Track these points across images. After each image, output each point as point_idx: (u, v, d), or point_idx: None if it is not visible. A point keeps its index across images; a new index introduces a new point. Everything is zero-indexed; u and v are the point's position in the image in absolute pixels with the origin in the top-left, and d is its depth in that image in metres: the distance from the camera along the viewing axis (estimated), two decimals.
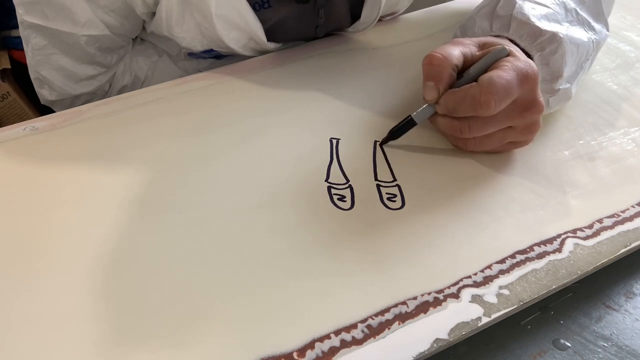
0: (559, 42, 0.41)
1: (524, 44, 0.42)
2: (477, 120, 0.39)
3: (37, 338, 0.31)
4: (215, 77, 0.50)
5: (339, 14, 0.54)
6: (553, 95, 0.43)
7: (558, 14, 0.44)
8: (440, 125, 0.41)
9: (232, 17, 0.48)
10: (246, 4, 0.48)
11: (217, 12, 0.47)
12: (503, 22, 0.43)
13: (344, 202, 0.38)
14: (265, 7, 0.51)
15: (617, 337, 0.34)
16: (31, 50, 0.53)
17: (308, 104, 0.47)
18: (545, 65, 0.42)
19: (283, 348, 0.30)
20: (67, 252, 0.35)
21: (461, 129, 0.39)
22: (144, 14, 0.51)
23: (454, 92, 0.39)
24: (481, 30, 0.45)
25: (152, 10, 0.51)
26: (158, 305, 0.32)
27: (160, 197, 0.39)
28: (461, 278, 0.34)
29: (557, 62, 0.42)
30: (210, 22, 0.48)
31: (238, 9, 0.48)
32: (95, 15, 0.50)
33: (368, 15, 0.53)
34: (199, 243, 0.36)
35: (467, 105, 0.38)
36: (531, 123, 0.40)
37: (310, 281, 0.34)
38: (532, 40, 0.42)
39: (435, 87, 0.39)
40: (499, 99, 0.37)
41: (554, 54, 0.41)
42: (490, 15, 0.44)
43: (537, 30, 0.42)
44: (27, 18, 0.50)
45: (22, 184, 0.39)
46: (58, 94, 0.56)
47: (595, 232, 0.37)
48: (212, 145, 0.43)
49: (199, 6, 0.47)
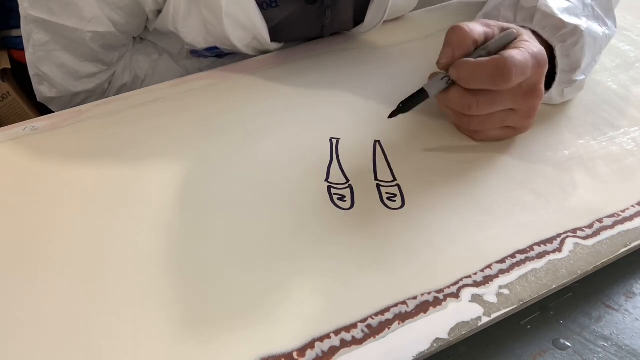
0: (580, 35, 0.43)
1: (547, 35, 0.43)
2: (487, 96, 0.39)
3: (37, 338, 0.31)
4: (215, 77, 0.50)
5: (344, 15, 0.54)
6: (569, 86, 0.45)
7: (577, 8, 0.45)
8: (451, 99, 0.41)
9: (239, 16, 0.48)
10: (254, 4, 0.48)
11: (226, 11, 0.47)
12: (527, 14, 0.45)
13: (344, 202, 0.38)
14: (272, 6, 0.51)
15: (617, 337, 0.34)
16: (32, 46, 0.53)
17: (308, 104, 0.47)
18: (566, 56, 0.43)
19: (283, 348, 0.30)
20: (67, 252, 0.35)
21: (470, 104, 0.40)
22: (152, 12, 0.52)
23: (471, 61, 0.39)
24: (505, 20, 0.46)
25: (161, 7, 0.51)
26: (157, 305, 0.32)
27: (160, 196, 0.39)
28: (461, 278, 0.34)
29: (577, 54, 0.43)
30: (219, 19, 0.48)
31: (246, 8, 0.48)
32: (102, 12, 0.50)
33: (372, 19, 0.54)
34: (199, 242, 0.36)
35: (486, 75, 0.38)
36: (531, 108, 0.41)
37: (310, 281, 0.34)
38: (554, 32, 0.43)
39: (451, 53, 0.40)
40: (518, 74, 0.38)
41: (574, 46, 0.43)
42: (514, 6, 0.46)
43: (560, 23, 0.43)
44: (32, 12, 0.50)
45: (22, 184, 0.39)
46: (58, 91, 0.56)
47: (595, 231, 0.37)
48: (213, 145, 0.43)
49: (208, 3, 0.47)
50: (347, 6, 0.53)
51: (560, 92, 0.45)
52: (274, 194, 0.39)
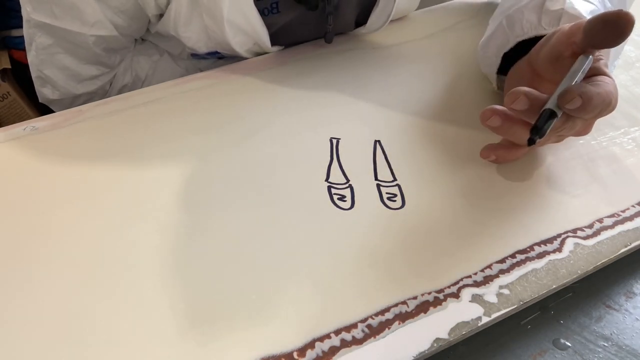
0: None
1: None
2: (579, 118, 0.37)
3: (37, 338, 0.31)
4: (215, 77, 0.50)
5: (345, 21, 0.54)
6: None
7: (599, 10, 0.44)
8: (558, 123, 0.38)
9: (240, 22, 0.48)
10: (255, 11, 0.48)
11: (228, 17, 0.47)
12: (553, 17, 0.43)
13: (344, 201, 0.38)
14: (274, 12, 0.51)
15: (617, 337, 0.34)
16: (35, 49, 0.53)
17: (308, 104, 0.47)
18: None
19: (283, 348, 0.30)
20: (67, 252, 0.35)
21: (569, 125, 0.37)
22: (153, 16, 0.52)
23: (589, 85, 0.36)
24: (529, 24, 0.44)
25: (162, 11, 0.51)
26: (157, 305, 0.32)
27: (160, 196, 0.39)
28: (461, 278, 0.34)
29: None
30: (220, 25, 0.48)
31: (247, 14, 0.48)
32: (104, 16, 0.50)
33: (374, 23, 0.53)
34: (199, 242, 0.36)
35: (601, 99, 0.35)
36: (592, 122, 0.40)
37: (310, 281, 0.34)
38: None
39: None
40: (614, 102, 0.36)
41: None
42: (539, 8, 0.44)
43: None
44: (34, 16, 0.50)
45: (22, 184, 0.39)
46: (60, 93, 0.56)
47: (596, 231, 0.37)
48: (213, 145, 0.43)
49: (210, 9, 0.47)
50: (349, 12, 0.53)
51: None
52: (274, 194, 0.39)
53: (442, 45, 0.55)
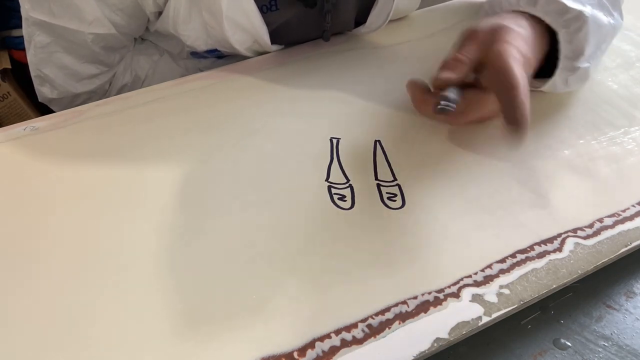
0: (584, 21, 0.42)
1: (549, 20, 0.43)
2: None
3: (37, 337, 0.31)
4: (215, 77, 0.50)
5: (344, 18, 0.54)
6: (573, 74, 0.44)
7: None
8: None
9: (240, 18, 0.48)
10: (254, 7, 0.48)
11: (227, 14, 0.47)
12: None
13: (344, 201, 0.38)
14: (273, 9, 0.51)
15: (617, 337, 0.34)
16: (34, 48, 0.53)
17: (308, 104, 0.47)
18: (569, 42, 0.43)
19: (283, 347, 0.30)
20: (67, 252, 0.35)
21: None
22: (152, 14, 0.52)
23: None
24: (508, 4, 0.45)
25: (161, 9, 0.51)
26: (158, 305, 0.32)
27: (160, 196, 0.39)
28: (461, 277, 0.34)
29: (581, 40, 0.43)
30: (219, 22, 0.48)
31: (246, 11, 0.48)
32: (102, 14, 0.50)
33: (374, 22, 0.53)
34: (199, 242, 0.36)
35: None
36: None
37: (310, 281, 0.34)
38: (558, 17, 0.43)
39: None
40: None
41: (578, 32, 0.42)
42: None
43: (564, 8, 0.42)
44: (33, 14, 0.50)
45: (22, 184, 0.39)
46: (59, 92, 0.56)
47: (596, 231, 0.37)
48: (213, 145, 0.43)
49: (209, 6, 0.47)
50: (347, 10, 0.53)
51: (564, 80, 0.44)
52: (274, 194, 0.39)
53: (442, 45, 0.55)
